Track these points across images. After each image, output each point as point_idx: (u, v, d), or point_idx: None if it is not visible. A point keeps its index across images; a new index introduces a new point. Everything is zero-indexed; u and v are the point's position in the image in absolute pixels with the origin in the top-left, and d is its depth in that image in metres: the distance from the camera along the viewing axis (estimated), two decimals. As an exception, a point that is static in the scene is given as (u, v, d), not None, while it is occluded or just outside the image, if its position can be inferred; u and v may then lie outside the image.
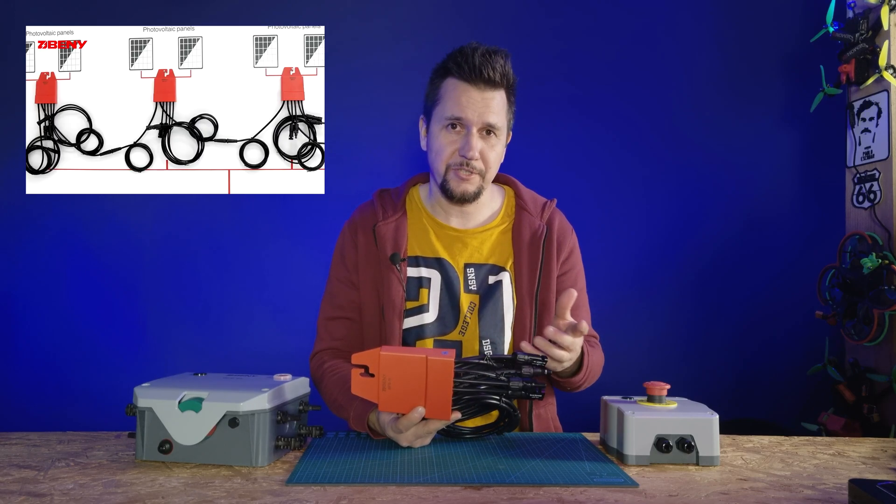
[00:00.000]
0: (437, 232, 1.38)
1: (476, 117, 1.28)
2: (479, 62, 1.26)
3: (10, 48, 2.13)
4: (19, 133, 2.07)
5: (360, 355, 1.03)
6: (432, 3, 2.29)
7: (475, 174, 1.30)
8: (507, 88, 1.32)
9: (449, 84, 1.30)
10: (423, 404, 1.03)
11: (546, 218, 1.41)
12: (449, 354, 1.02)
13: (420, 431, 1.07)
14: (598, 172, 2.28)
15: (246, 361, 2.15)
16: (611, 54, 2.29)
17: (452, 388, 1.02)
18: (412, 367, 1.01)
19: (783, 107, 2.31)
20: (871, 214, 2.01)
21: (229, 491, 0.88)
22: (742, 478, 0.98)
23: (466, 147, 1.28)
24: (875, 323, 1.91)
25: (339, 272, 1.41)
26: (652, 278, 2.27)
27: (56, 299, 2.18)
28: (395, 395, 1.03)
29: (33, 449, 1.10)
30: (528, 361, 1.11)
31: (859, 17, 2.04)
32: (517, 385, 1.09)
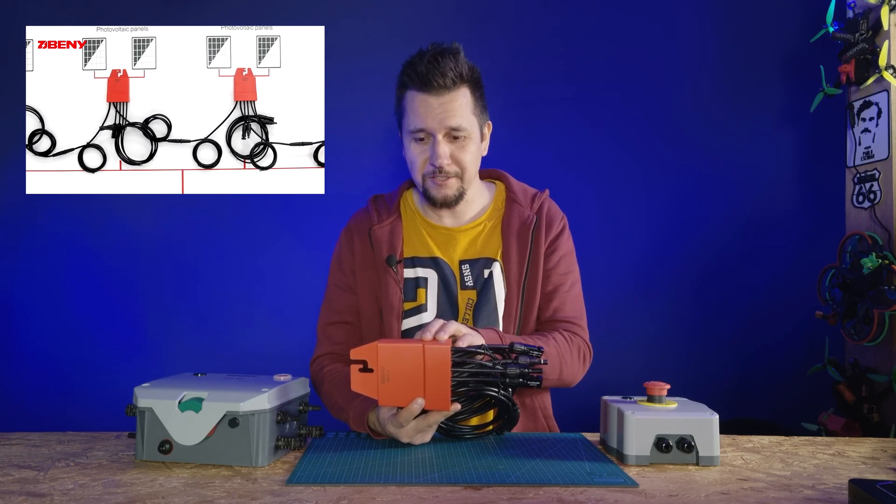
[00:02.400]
0: (431, 232, 1.39)
1: (437, 125, 1.28)
2: (426, 70, 1.26)
3: (10, 48, 2.13)
4: (19, 133, 2.07)
5: (359, 350, 1.04)
6: (432, 3, 2.29)
7: (451, 178, 1.31)
8: (469, 83, 1.30)
9: (408, 96, 1.31)
10: (423, 395, 1.03)
11: (536, 208, 1.40)
12: (446, 342, 1.02)
13: (420, 425, 1.07)
14: (598, 172, 2.28)
15: (246, 361, 2.15)
16: (611, 54, 2.29)
17: (451, 377, 1.02)
18: (410, 356, 1.02)
19: (783, 107, 2.31)
20: (871, 214, 2.01)
21: (229, 491, 0.88)
22: (742, 478, 0.98)
23: (434, 156, 1.29)
24: (875, 323, 1.91)
25: (336, 278, 1.42)
26: (652, 278, 2.27)
27: (56, 299, 2.19)
28: (394, 387, 1.03)
29: (33, 449, 1.10)
30: (525, 351, 1.11)
31: (859, 17, 2.04)
32: (514, 372, 1.09)
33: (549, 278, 1.37)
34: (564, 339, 1.32)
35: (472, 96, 1.31)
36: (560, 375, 1.29)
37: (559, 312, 1.37)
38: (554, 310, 1.37)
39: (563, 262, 1.39)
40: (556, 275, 1.38)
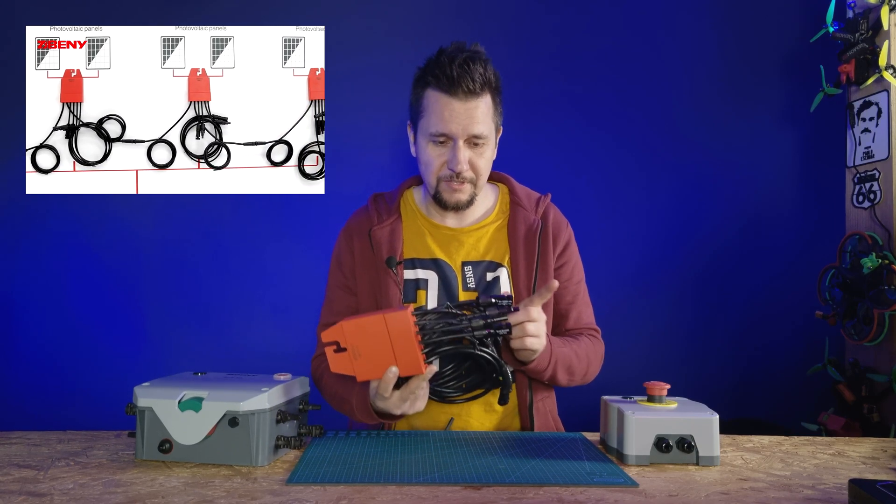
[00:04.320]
0: (433, 232, 1.39)
1: (461, 130, 1.27)
2: (457, 74, 1.24)
3: (11, 48, 2.13)
4: (19, 133, 2.07)
5: (328, 332, 1.06)
6: (432, 3, 2.29)
7: (467, 183, 1.31)
8: (491, 91, 1.30)
9: (430, 96, 1.28)
10: (395, 363, 1.05)
11: (541, 212, 1.41)
12: (406, 306, 1.04)
13: (404, 394, 1.09)
14: (598, 172, 2.28)
15: (246, 361, 2.15)
16: (611, 54, 2.29)
17: (417, 340, 1.04)
18: (373, 328, 1.04)
19: (783, 107, 2.31)
20: (871, 214, 2.01)
21: (229, 490, 0.88)
22: (742, 478, 0.98)
23: (454, 161, 1.28)
24: (875, 323, 1.91)
25: (336, 279, 1.42)
26: (652, 278, 2.27)
27: (56, 299, 2.18)
28: (368, 361, 1.06)
29: (33, 448, 1.10)
30: (492, 303, 1.11)
31: (859, 17, 2.04)
32: (479, 324, 1.10)
33: (567, 289, 1.41)
34: (590, 341, 1.38)
35: (492, 102, 1.31)
36: (585, 375, 1.36)
37: (580, 321, 1.42)
38: (575, 319, 1.41)
39: (576, 272, 1.43)
40: (572, 285, 1.41)
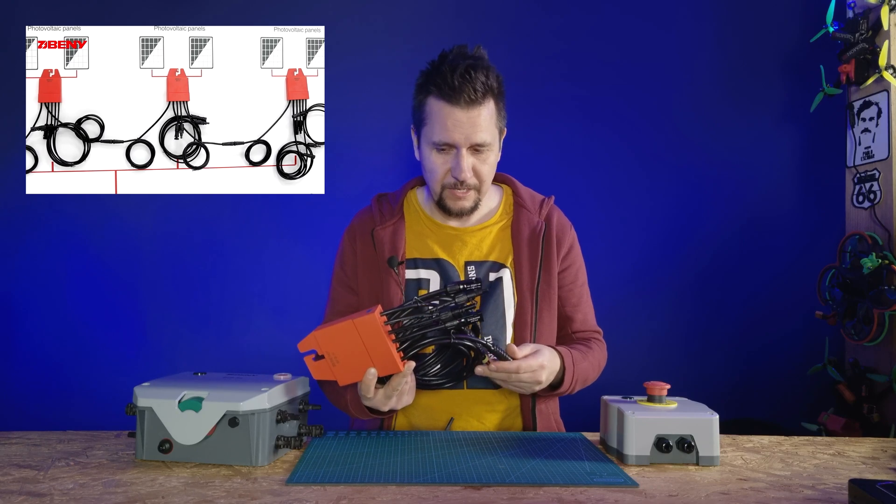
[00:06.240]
0: (436, 232, 1.39)
1: (464, 139, 1.26)
2: (458, 83, 1.23)
3: (11, 48, 2.13)
4: (19, 133, 2.07)
5: (304, 342, 1.08)
6: (432, 3, 2.29)
7: (471, 190, 1.32)
8: (494, 97, 1.29)
9: (433, 105, 1.27)
10: (372, 365, 1.07)
11: (544, 214, 1.41)
12: (374, 309, 1.05)
13: (388, 392, 1.11)
14: (599, 172, 2.28)
15: (246, 361, 2.15)
16: (611, 54, 2.29)
17: (390, 340, 1.05)
18: (344, 334, 1.05)
19: (783, 107, 2.31)
20: (871, 214, 2.01)
21: (229, 490, 0.88)
22: (742, 478, 0.98)
23: (458, 169, 1.28)
24: (875, 323, 1.91)
25: (339, 278, 1.42)
26: (652, 278, 2.27)
27: (56, 299, 2.19)
28: (346, 366, 1.08)
29: (33, 448, 1.10)
30: (460, 289, 1.12)
31: (859, 17, 2.04)
32: (448, 315, 1.11)
33: (572, 291, 1.42)
34: (599, 348, 1.41)
35: (495, 107, 1.30)
36: (595, 378, 1.39)
37: (587, 323, 1.44)
38: (582, 321, 1.43)
39: (581, 274, 1.44)
40: (577, 287, 1.43)
